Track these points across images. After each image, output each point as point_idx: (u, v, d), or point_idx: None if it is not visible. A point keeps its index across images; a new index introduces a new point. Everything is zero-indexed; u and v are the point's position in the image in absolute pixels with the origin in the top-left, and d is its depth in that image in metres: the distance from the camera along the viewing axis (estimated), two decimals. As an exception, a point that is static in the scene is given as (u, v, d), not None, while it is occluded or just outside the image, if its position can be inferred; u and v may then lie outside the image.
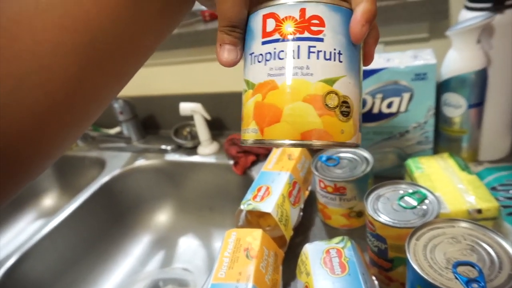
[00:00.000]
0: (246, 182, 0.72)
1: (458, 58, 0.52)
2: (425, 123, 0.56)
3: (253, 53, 0.25)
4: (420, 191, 0.41)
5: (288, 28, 0.23)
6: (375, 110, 0.57)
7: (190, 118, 0.86)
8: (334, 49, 0.23)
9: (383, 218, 0.38)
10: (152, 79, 0.92)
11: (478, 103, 0.53)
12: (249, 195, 0.51)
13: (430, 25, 0.63)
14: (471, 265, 0.30)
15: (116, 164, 0.87)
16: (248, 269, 0.39)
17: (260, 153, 0.76)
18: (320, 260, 0.37)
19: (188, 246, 0.80)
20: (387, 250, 0.39)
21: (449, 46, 0.54)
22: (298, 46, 0.23)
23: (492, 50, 0.51)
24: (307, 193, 0.58)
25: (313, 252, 0.39)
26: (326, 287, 0.34)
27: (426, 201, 0.40)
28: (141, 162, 0.86)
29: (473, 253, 0.31)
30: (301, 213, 0.53)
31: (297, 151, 0.59)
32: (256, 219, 0.51)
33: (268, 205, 0.47)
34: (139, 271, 0.77)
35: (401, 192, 0.41)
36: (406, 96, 0.54)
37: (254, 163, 0.75)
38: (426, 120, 0.55)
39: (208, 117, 0.81)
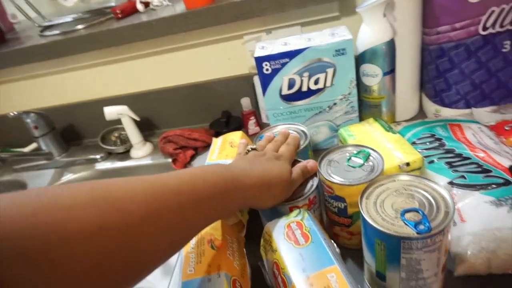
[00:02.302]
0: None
1: (369, 32, 0.57)
2: (349, 94, 0.60)
3: None
4: (363, 150, 0.45)
5: None
6: (304, 88, 0.60)
7: (117, 122, 0.81)
8: None
9: (339, 179, 0.42)
10: (66, 86, 0.85)
11: (390, 71, 0.59)
12: (200, 188, 0.50)
13: (340, 4, 0.68)
14: (415, 210, 0.35)
15: (39, 183, 0.79)
16: (216, 260, 0.39)
17: (197, 146, 0.76)
18: (284, 235, 0.39)
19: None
20: (347, 207, 0.42)
21: (358, 23, 0.59)
22: None
23: (396, 22, 0.58)
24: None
25: (275, 229, 0.40)
26: (295, 259, 0.36)
27: (371, 158, 0.44)
28: (69, 177, 0.79)
29: (414, 200, 0.36)
30: (253, 197, 0.54)
31: (237, 138, 0.60)
32: (210, 211, 0.51)
33: (222, 195, 0.47)
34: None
35: (347, 154, 0.45)
36: (330, 71, 0.58)
37: (193, 157, 0.75)
38: (350, 91, 0.60)
39: (137, 118, 0.77)
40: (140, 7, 0.75)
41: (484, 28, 0.55)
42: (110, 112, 0.75)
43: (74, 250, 0.23)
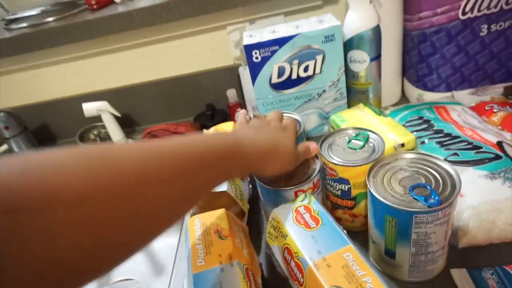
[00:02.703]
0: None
1: (356, 18, 0.58)
2: (338, 80, 0.61)
3: None
4: (362, 132, 0.45)
5: None
6: (294, 76, 0.60)
7: (96, 119, 0.77)
8: None
9: (342, 161, 0.42)
10: (38, 83, 0.80)
11: (377, 56, 0.61)
12: (197, 180, 0.49)
13: (323, -8, 0.69)
14: (423, 186, 0.35)
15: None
16: (226, 249, 0.38)
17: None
18: (293, 219, 0.39)
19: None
20: (350, 189, 0.43)
21: (340, 11, 0.60)
22: None
23: (382, 8, 0.59)
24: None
25: (283, 214, 0.40)
26: (307, 242, 0.36)
27: (371, 139, 0.44)
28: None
29: (420, 176, 0.37)
30: (250, 186, 0.53)
31: (229, 128, 0.59)
32: (209, 201, 0.50)
33: (222, 185, 0.46)
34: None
35: (347, 137, 0.46)
36: (319, 58, 0.58)
37: (180, 152, 0.73)
38: (338, 78, 0.61)
39: (118, 114, 0.74)
40: (116, -3, 0.72)
41: (464, 13, 0.57)
42: (89, 108, 0.71)
43: (65, 210, 0.20)
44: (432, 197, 0.34)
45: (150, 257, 0.73)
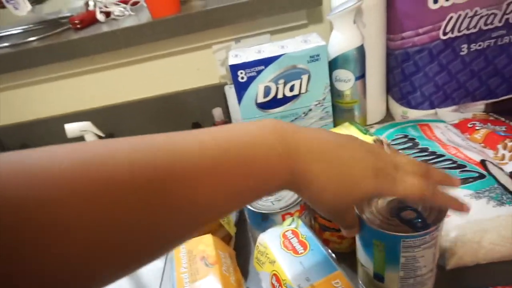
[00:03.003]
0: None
1: (340, 38, 0.58)
2: (323, 99, 0.61)
3: None
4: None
5: None
6: (280, 96, 0.60)
7: (80, 140, 0.76)
8: None
9: None
10: (20, 103, 0.78)
11: (361, 75, 0.61)
12: (183, 203, 0.48)
13: (307, 12, 0.70)
14: (409, 209, 0.35)
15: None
16: (212, 277, 0.37)
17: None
18: (280, 245, 0.38)
19: (109, 279, 0.72)
20: None
21: (325, 30, 0.61)
22: None
23: (364, 28, 0.60)
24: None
25: (270, 240, 0.39)
26: (296, 268, 0.35)
27: None
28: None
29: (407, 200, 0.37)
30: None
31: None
32: (195, 226, 0.49)
33: (208, 208, 0.46)
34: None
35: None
36: (304, 77, 0.59)
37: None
38: (324, 96, 0.61)
39: (102, 134, 0.73)
40: (100, 17, 0.72)
41: (444, 33, 0.58)
42: (72, 129, 0.70)
43: (54, 216, 0.18)
44: (419, 220, 0.34)
45: (135, 280, 0.71)
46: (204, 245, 0.41)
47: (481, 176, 0.46)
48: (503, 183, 0.45)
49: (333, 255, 0.38)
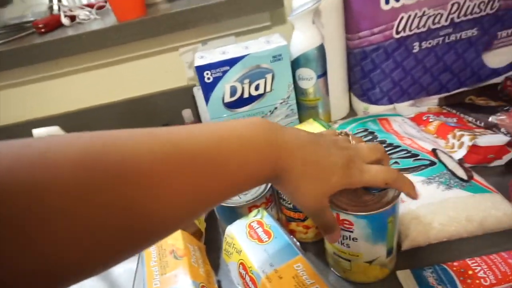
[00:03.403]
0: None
1: (301, 38, 0.61)
2: (288, 97, 0.64)
3: None
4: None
5: None
6: (246, 95, 0.62)
7: (47, 144, 0.75)
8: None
9: None
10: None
11: (323, 73, 0.64)
12: (153, 201, 0.49)
13: (270, 14, 0.72)
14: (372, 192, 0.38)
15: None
16: (181, 269, 0.38)
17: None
18: (246, 235, 0.40)
19: (82, 285, 0.71)
20: None
21: (288, 31, 0.63)
22: None
23: (323, 28, 0.63)
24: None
25: (237, 231, 0.41)
26: (260, 255, 0.37)
27: None
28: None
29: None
30: (207, 204, 0.54)
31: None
32: (166, 223, 0.50)
33: (177, 205, 0.47)
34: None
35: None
36: (269, 77, 0.61)
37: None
38: (288, 95, 0.64)
39: (70, 139, 0.72)
40: (65, 21, 0.71)
41: (397, 32, 0.62)
42: (40, 134, 0.69)
43: (53, 213, 0.19)
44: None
45: (108, 283, 0.71)
46: (173, 239, 0.42)
47: (432, 164, 0.50)
48: (451, 169, 0.49)
49: (297, 242, 0.41)
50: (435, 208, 0.44)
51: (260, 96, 0.63)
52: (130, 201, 0.21)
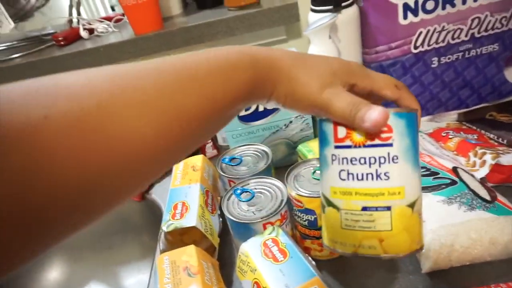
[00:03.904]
0: (147, 207, 0.69)
1: (317, 52, 0.61)
2: (303, 112, 0.63)
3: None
4: (325, 166, 0.47)
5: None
6: (261, 109, 0.62)
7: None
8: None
9: (307, 192, 0.43)
10: None
11: (339, 88, 0.64)
12: (166, 215, 0.49)
13: (286, 28, 0.72)
14: None
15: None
16: (195, 286, 0.38)
17: (154, 174, 0.73)
18: (261, 253, 0.39)
19: (94, 294, 0.71)
20: (317, 219, 0.43)
21: (303, 44, 0.63)
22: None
23: (340, 43, 0.62)
24: (219, 198, 0.59)
25: (251, 249, 0.40)
26: (275, 275, 0.36)
27: None
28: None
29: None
30: (221, 219, 0.54)
31: (198, 162, 0.59)
32: (178, 238, 0.50)
33: (191, 220, 0.47)
34: None
35: (312, 168, 0.47)
36: (284, 91, 0.61)
37: (151, 185, 0.72)
38: (304, 109, 0.63)
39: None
40: (84, 34, 0.73)
41: (415, 47, 0.61)
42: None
43: (14, 145, 0.17)
44: None
45: (120, 296, 0.71)
46: (187, 255, 0.42)
47: (453, 183, 0.48)
48: (473, 188, 0.47)
49: (313, 262, 0.40)
50: (457, 229, 0.42)
51: (275, 109, 0.62)
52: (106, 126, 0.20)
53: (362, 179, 0.27)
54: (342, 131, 0.27)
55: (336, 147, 0.27)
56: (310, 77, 0.28)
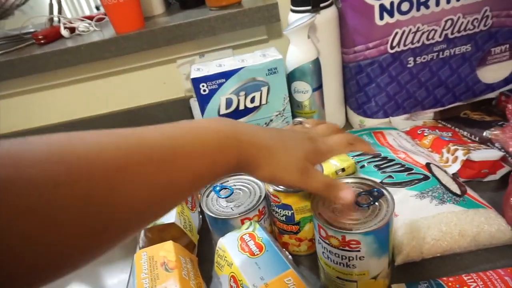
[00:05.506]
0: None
1: (296, 52, 0.62)
2: (283, 110, 0.64)
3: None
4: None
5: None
6: (241, 107, 0.63)
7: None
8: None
9: (284, 188, 0.43)
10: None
11: (318, 87, 0.65)
12: (146, 213, 0.49)
13: (267, 28, 0.73)
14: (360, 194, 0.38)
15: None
16: (172, 281, 0.38)
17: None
18: (238, 247, 0.40)
19: (75, 296, 0.70)
20: (294, 214, 0.44)
21: (284, 44, 0.64)
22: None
23: (319, 43, 0.64)
24: (199, 196, 0.59)
25: (228, 243, 0.41)
26: (251, 269, 0.37)
27: None
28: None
29: (361, 199, 0.38)
30: (201, 216, 0.54)
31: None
32: (158, 234, 0.50)
33: (170, 216, 0.47)
34: None
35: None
36: (264, 89, 0.62)
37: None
38: (284, 107, 0.64)
39: (67, 149, 0.73)
40: (65, 32, 0.72)
41: (392, 47, 0.63)
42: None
43: (20, 211, 0.19)
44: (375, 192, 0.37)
45: (101, 295, 0.70)
46: (165, 251, 0.42)
47: (426, 178, 0.50)
48: (445, 183, 0.49)
49: (290, 256, 0.40)
50: (428, 222, 0.44)
51: (255, 108, 0.63)
52: (93, 197, 0.21)
53: (337, 264, 0.37)
54: (323, 233, 0.36)
55: (321, 239, 0.37)
56: (288, 163, 0.33)
